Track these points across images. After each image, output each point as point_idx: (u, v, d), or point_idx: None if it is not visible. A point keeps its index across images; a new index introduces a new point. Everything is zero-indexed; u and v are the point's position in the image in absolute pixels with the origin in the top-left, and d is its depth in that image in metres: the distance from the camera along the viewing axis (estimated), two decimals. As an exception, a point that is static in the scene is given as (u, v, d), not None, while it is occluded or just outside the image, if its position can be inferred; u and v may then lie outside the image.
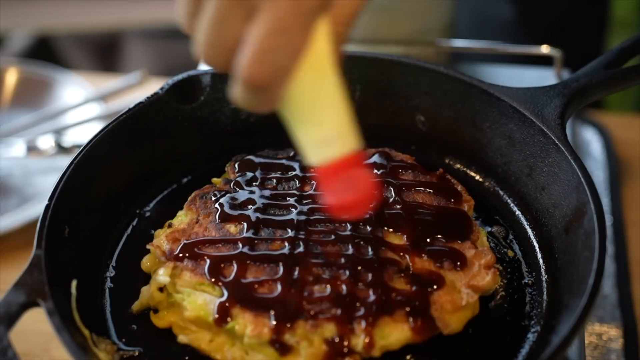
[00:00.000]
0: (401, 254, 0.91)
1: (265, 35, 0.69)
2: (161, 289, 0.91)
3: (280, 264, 0.89)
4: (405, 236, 0.93)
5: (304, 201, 0.98)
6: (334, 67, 0.75)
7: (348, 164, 0.76)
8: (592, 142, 1.45)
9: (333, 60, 0.75)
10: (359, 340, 0.84)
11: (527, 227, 1.01)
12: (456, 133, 1.09)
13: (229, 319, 0.86)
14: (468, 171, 1.09)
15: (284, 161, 1.04)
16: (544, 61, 1.36)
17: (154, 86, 1.11)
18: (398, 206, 0.96)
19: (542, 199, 0.99)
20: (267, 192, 0.99)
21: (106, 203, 1.01)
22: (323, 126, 0.76)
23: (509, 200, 1.05)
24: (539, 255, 0.98)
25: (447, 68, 1.07)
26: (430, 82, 1.08)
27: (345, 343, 0.84)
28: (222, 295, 0.88)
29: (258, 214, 0.96)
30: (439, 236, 0.94)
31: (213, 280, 0.89)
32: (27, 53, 2.16)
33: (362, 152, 0.78)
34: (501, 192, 1.06)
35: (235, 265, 0.90)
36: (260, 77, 0.70)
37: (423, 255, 0.91)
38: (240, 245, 0.92)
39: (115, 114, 1.09)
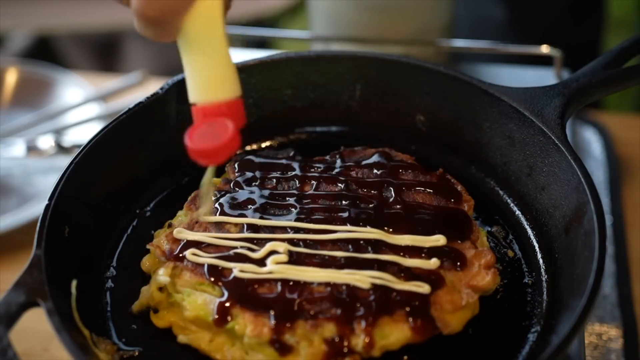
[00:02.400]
0: (401, 253, 0.91)
1: None
2: (161, 289, 0.91)
3: (280, 264, 0.89)
4: (405, 236, 0.93)
5: (304, 201, 0.98)
6: (221, 16, 0.83)
7: (221, 110, 0.84)
8: (592, 142, 1.45)
9: (221, 10, 0.83)
10: (359, 340, 0.84)
11: (527, 227, 1.01)
12: (456, 133, 1.09)
13: (229, 319, 0.86)
14: (468, 171, 1.09)
15: (283, 161, 1.04)
16: (544, 61, 1.36)
17: (154, 86, 1.11)
18: (398, 206, 0.96)
19: (542, 199, 0.99)
20: (266, 192, 0.99)
21: (106, 203, 1.01)
22: (206, 69, 0.84)
23: (509, 200, 1.05)
24: (539, 255, 0.98)
25: (447, 68, 1.07)
26: (430, 82, 1.08)
27: (345, 343, 0.84)
28: (222, 295, 0.88)
29: (258, 214, 0.96)
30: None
31: (213, 280, 0.89)
32: (27, 53, 2.16)
33: (237, 103, 0.85)
34: (501, 192, 1.06)
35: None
36: (151, 15, 0.78)
37: (423, 255, 0.91)
38: (241, 245, 0.92)
39: (115, 114, 1.09)
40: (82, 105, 1.54)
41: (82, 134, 1.48)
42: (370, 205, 0.96)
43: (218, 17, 0.83)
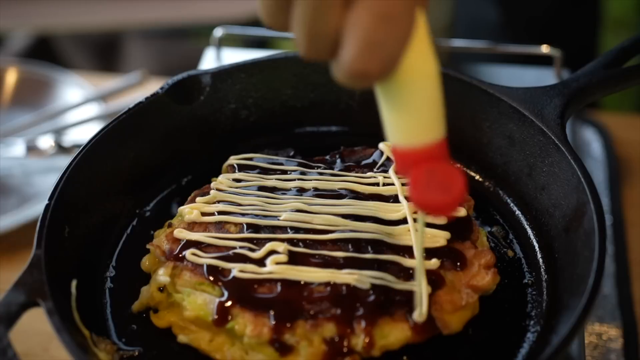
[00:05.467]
0: (401, 253, 0.91)
1: (371, 24, 0.65)
2: (161, 289, 0.91)
3: (280, 263, 0.89)
4: (404, 236, 0.93)
5: (304, 201, 0.97)
6: (433, 52, 0.73)
7: (433, 154, 0.74)
8: (592, 142, 1.45)
9: (431, 45, 0.73)
10: (359, 340, 0.84)
11: (527, 227, 1.01)
12: (456, 133, 1.08)
13: (229, 319, 0.86)
14: (468, 171, 1.09)
15: (283, 161, 1.04)
16: (543, 61, 1.36)
17: (154, 86, 1.12)
18: (398, 206, 0.96)
19: (542, 199, 0.99)
20: (267, 192, 0.99)
21: (106, 203, 1.01)
22: (417, 111, 0.74)
23: (509, 200, 1.05)
24: (539, 255, 0.98)
25: (447, 68, 1.07)
26: (430, 82, 1.08)
27: (345, 343, 0.84)
28: (222, 295, 0.88)
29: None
30: (439, 236, 0.94)
31: (212, 279, 0.89)
32: (27, 53, 2.16)
33: (446, 144, 0.75)
34: (501, 192, 1.06)
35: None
36: (369, 70, 0.67)
37: (423, 255, 0.91)
38: (240, 245, 0.92)
39: (115, 114, 1.09)
40: (82, 105, 1.54)
41: (82, 134, 1.48)
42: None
43: (429, 50, 0.73)
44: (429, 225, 0.94)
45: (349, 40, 0.67)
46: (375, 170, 1.01)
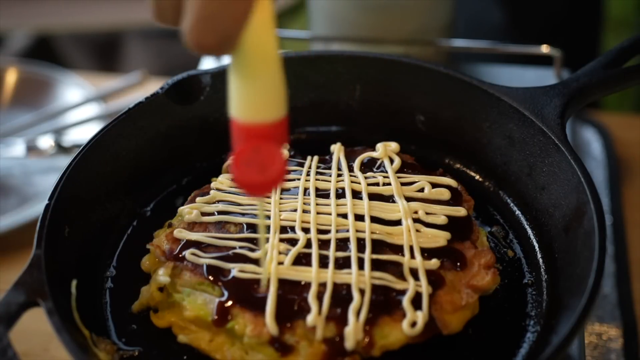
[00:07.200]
0: (401, 254, 0.91)
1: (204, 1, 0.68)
2: (161, 289, 0.91)
3: (280, 263, 0.89)
4: (405, 236, 0.93)
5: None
6: (275, 35, 0.75)
7: (269, 131, 0.76)
8: (592, 142, 1.45)
9: (273, 24, 0.75)
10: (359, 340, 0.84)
11: (527, 227, 1.01)
12: (456, 133, 1.09)
13: (228, 319, 0.86)
14: (468, 171, 1.09)
15: (283, 161, 1.04)
16: (544, 61, 1.36)
17: (154, 86, 1.12)
18: (398, 206, 0.96)
19: (542, 199, 0.99)
20: (267, 192, 0.99)
21: (106, 203, 1.01)
22: (260, 87, 0.76)
23: (509, 200, 1.05)
24: (539, 255, 0.98)
25: (447, 68, 1.07)
26: (430, 82, 1.08)
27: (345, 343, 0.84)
28: (222, 295, 0.88)
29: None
30: (439, 236, 0.94)
31: (212, 279, 0.89)
32: (27, 53, 2.17)
33: (282, 126, 0.77)
34: (501, 192, 1.06)
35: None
36: (204, 42, 0.70)
37: (424, 255, 0.91)
38: (240, 245, 0.92)
39: (115, 114, 1.09)
40: (82, 105, 1.54)
41: (82, 134, 1.48)
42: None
43: (272, 32, 0.75)
44: (429, 225, 0.94)
45: (187, 11, 0.70)
46: (375, 170, 1.01)
